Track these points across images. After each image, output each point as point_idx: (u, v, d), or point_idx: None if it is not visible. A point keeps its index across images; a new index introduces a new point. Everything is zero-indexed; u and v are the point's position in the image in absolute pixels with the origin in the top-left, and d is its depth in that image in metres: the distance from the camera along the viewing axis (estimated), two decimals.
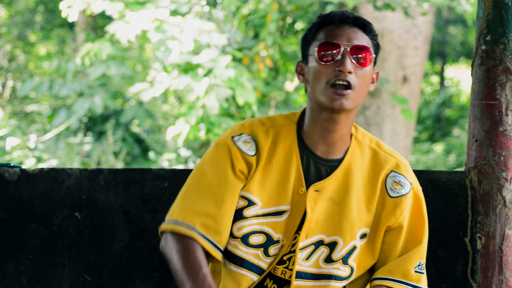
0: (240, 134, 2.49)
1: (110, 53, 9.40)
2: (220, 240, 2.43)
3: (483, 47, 2.95)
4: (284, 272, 2.50)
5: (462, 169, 3.05)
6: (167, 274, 3.07)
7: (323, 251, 2.47)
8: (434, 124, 17.83)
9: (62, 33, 16.90)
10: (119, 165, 11.14)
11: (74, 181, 3.11)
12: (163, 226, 2.47)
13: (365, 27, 2.47)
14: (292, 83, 9.80)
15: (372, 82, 2.52)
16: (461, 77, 19.72)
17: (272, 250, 2.47)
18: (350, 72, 2.39)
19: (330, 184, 2.47)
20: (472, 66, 3.00)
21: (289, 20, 9.51)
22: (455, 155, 15.64)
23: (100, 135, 11.98)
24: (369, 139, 2.55)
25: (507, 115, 2.91)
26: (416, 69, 9.39)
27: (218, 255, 2.42)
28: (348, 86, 2.40)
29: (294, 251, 2.48)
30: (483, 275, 2.92)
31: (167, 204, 3.05)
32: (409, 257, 2.51)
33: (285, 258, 2.49)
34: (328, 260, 2.47)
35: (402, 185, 2.51)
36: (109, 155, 11.00)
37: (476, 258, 2.94)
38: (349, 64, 2.40)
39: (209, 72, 8.41)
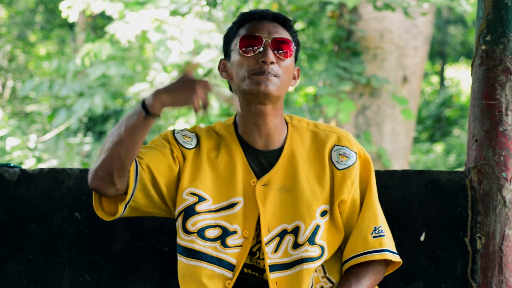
0: (182, 130, 2.61)
1: (110, 53, 9.40)
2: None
3: (483, 47, 2.95)
4: (258, 262, 2.55)
5: (462, 169, 3.05)
6: (167, 274, 3.07)
7: (289, 239, 2.51)
8: (434, 124, 17.83)
9: (62, 33, 16.90)
10: None
11: (74, 181, 3.11)
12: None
13: (285, 23, 2.57)
14: (292, 87, 9.80)
15: (294, 79, 2.60)
16: (461, 77, 19.72)
17: (230, 241, 2.52)
18: (272, 63, 2.48)
19: (276, 174, 2.53)
20: (472, 66, 3.00)
21: None
22: (455, 155, 15.65)
23: (100, 135, 11.98)
24: (306, 123, 2.63)
25: (507, 115, 2.91)
26: (416, 69, 9.39)
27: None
28: (271, 73, 2.48)
29: (258, 243, 2.54)
30: (483, 275, 2.92)
31: None
32: (362, 227, 2.55)
33: (254, 249, 2.54)
34: (296, 245, 2.51)
35: (347, 156, 2.56)
36: None
37: (476, 258, 2.94)
38: (271, 55, 2.49)
39: (209, 72, 8.41)
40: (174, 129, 2.60)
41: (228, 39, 2.60)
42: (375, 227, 2.56)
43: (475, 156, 2.94)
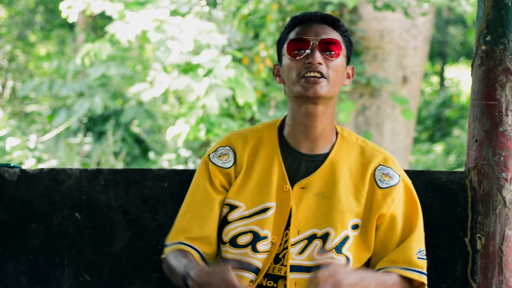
0: (216, 150, 2.61)
1: (110, 53, 9.40)
2: (206, 249, 2.55)
3: (483, 47, 2.95)
4: (280, 269, 2.53)
5: (462, 169, 3.05)
6: None
7: (316, 244, 2.51)
8: (434, 124, 17.83)
9: (62, 34, 16.90)
10: (119, 165, 11.14)
11: (74, 182, 3.11)
12: (164, 254, 2.60)
13: (334, 23, 2.56)
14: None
15: (348, 78, 2.60)
16: (461, 77, 19.72)
17: (260, 246, 2.51)
18: (320, 64, 2.48)
19: (316, 179, 2.53)
20: (472, 66, 3.00)
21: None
22: (455, 155, 15.65)
23: (100, 136, 11.98)
24: (355, 137, 2.62)
25: (507, 115, 2.91)
26: (416, 69, 9.40)
27: (201, 263, 2.52)
28: (320, 76, 2.48)
29: (287, 248, 2.52)
30: (483, 276, 2.92)
31: (167, 204, 3.06)
32: (408, 246, 2.54)
33: (280, 256, 2.52)
34: (322, 251, 2.50)
35: (391, 177, 2.56)
36: (109, 156, 11.00)
37: (476, 258, 2.94)
38: (319, 56, 2.49)
39: (209, 72, 8.42)
40: (209, 154, 2.60)
41: (279, 44, 2.60)
42: (420, 249, 2.55)
43: (475, 156, 2.94)
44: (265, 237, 2.50)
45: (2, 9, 15.90)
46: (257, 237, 2.50)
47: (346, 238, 2.50)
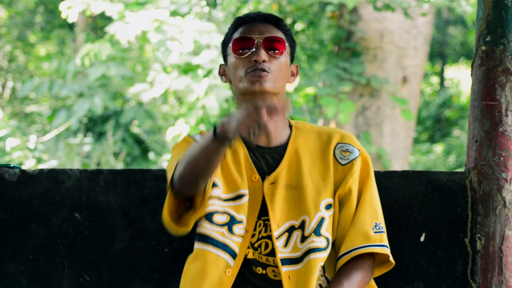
0: (196, 134, 2.69)
1: (110, 54, 9.40)
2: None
3: (483, 47, 2.95)
4: (260, 257, 2.58)
5: (462, 169, 3.05)
6: (167, 274, 3.08)
7: (297, 234, 2.56)
8: (434, 125, 17.83)
9: (62, 34, 16.90)
10: (119, 165, 11.15)
11: (74, 182, 3.11)
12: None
13: (277, 22, 2.64)
14: (291, 84, 9.81)
15: (293, 75, 2.68)
16: (461, 77, 19.72)
17: (237, 229, 2.57)
18: (264, 61, 2.55)
19: (282, 172, 2.59)
20: (472, 66, 3.00)
21: (289, 20, 9.52)
22: (455, 155, 15.65)
23: (100, 136, 11.98)
24: (310, 126, 2.70)
25: (507, 115, 2.91)
26: (416, 70, 9.40)
27: None
28: (264, 70, 2.54)
29: (262, 238, 2.57)
30: (483, 276, 2.92)
31: None
32: (363, 222, 2.57)
33: (256, 245, 2.58)
34: (303, 239, 2.55)
35: (350, 152, 2.62)
36: (109, 156, 11.01)
37: (476, 258, 2.94)
38: (263, 54, 2.56)
39: (209, 72, 8.42)
40: (189, 135, 2.68)
41: (224, 44, 2.68)
42: (376, 223, 2.58)
43: (475, 157, 2.94)
44: (240, 222, 2.56)
45: (2, 10, 15.91)
46: (233, 220, 2.56)
47: (322, 220, 2.56)
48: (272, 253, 2.57)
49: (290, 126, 2.67)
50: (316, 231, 2.55)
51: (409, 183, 3.02)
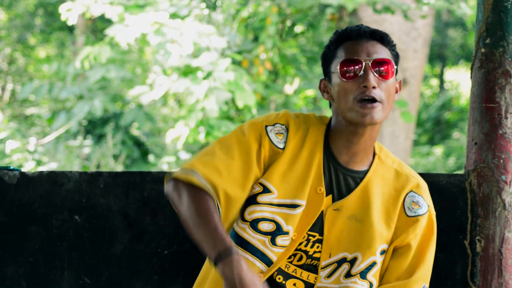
0: (274, 124, 2.52)
1: (110, 56, 9.40)
2: (232, 192, 2.45)
3: (483, 50, 2.95)
4: (288, 266, 2.52)
5: (461, 172, 3.05)
6: (166, 277, 3.07)
7: (344, 267, 2.49)
8: (433, 127, 17.84)
9: (62, 36, 16.91)
10: (119, 168, 11.14)
11: (73, 184, 3.11)
12: (178, 174, 2.44)
13: (383, 39, 2.50)
14: (291, 86, 9.81)
15: (396, 92, 2.55)
16: (460, 80, 19.73)
17: (280, 240, 2.48)
18: (374, 87, 2.43)
19: (350, 202, 2.49)
20: (471, 69, 3.00)
21: (288, 23, 9.52)
22: (455, 158, 15.65)
23: (99, 138, 11.98)
24: (391, 160, 2.57)
25: (506, 118, 2.91)
26: (415, 72, 9.40)
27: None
28: (375, 100, 2.43)
29: (299, 250, 2.49)
30: (482, 278, 2.92)
31: (166, 207, 3.06)
32: (415, 279, 2.50)
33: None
34: (348, 275, 2.48)
35: (420, 206, 2.52)
36: (108, 158, 11.00)
37: (476, 261, 2.94)
38: (373, 78, 2.43)
39: (208, 75, 8.42)
40: (266, 125, 2.51)
41: (326, 59, 2.54)
42: (424, 286, 2.51)
43: (475, 159, 2.94)
44: (286, 233, 2.47)
45: (2, 12, 15.91)
46: (279, 230, 2.47)
47: (373, 264, 2.48)
48: (306, 267, 2.51)
49: (374, 154, 2.55)
50: (363, 274, 2.48)
51: None
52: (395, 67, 2.51)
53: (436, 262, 2.97)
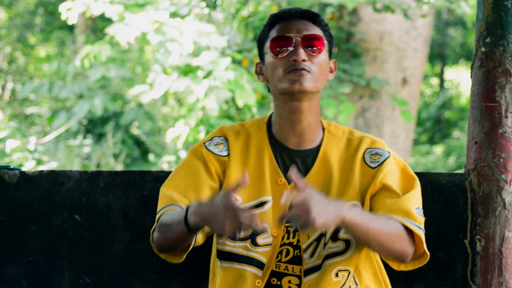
0: (211, 139, 2.60)
1: (110, 55, 9.40)
2: None
3: (483, 49, 2.95)
4: (278, 265, 2.53)
5: (461, 171, 3.05)
6: (167, 276, 3.07)
7: (322, 241, 2.51)
8: (433, 126, 17.83)
9: (62, 35, 16.91)
10: (119, 167, 11.14)
11: (73, 183, 3.11)
12: (152, 241, 2.56)
13: (315, 18, 2.56)
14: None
15: (331, 72, 2.60)
16: (460, 79, 19.73)
17: (260, 239, 2.51)
18: (304, 60, 2.48)
19: (312, 179, 2.52)
20: (471, 68, 3.00)
21: None
22: (455, 157, 15.65)
23: (99, 137, 11.98)
24: (342, 130, 2.61)
25: (506, 117, 2.91)
26: (415, 71, 9.40)
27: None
28: (304, 69, 2.48)
29: (284, 244, 2.51)
30: (482, 277, 2.92)
31: None
32: (407, 200, 2.50)
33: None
34: (324, 246, 2.51)
35: (380, 154, 2.56)
36: (108, 157, 11.00)
37: (476, 260, 2.94)
38: (302, 53, 2.49)
39: (208, 74, 8.41)
40: (204, 142, 2.59)
41: (260, 42, 2.60)
42: (418, 207, 2.52)
43: (475, 158, 2.94)
44: (264, 231, 2.48)
45: (2, 11, 15.91)
46: (256, 230, 2.47)
47: None
48: (294, 260, 2.52)
49: (323, 129, 2.60)
50: (333, 236, 2.49)
51: None
52: (327, 44, 2.55)
53: (436, 261, 2.97)
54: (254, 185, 2.52)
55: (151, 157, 11.88)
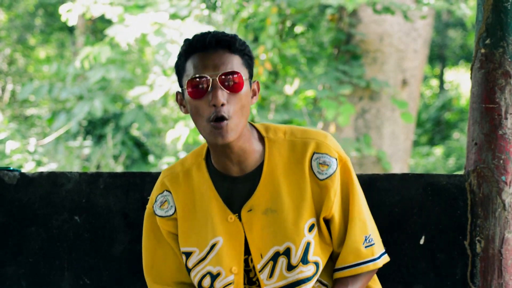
0: (156, 200, 2.57)
1: (110, 57, 9.41)
2: None
3: (483, 50, 2.95)
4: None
5: (461, 172, 3.05)
6: None
7: (282, 261, 2.46)
8: (433, 127, 17.84)
9: (62, 37, 16.91)
10: (119, 168, 11.14)
11: (73, 185, 3.11)
12: None
13: (231, 46, 2.42)
14: (291, 87, 9.81)
15: (254, 95, 2.48)
16: (460, 80, 19.73)
17: (217, 284, 2.49)
18: (223, 105, 2.36)
19: (259, 197, 2.46)
20: (471, 69, 3.00)
21: (288, 23, 9.52)
22: (455, 158, 15.65)
23: (99, 139, 11.98)
24: (283, 133, 2.51)
25: (506, 118, 2.91)
26: (415, 72, 9.40)
27: None
28: (224, 118, 2.37)
29: (254, 277, 2.51)
30: (482, 279, 2.92)
31: None
32: (353, 239, 2.48)
33: (254, 279, 2.51)
34: (290, 267, 2.46)
35: (328, 165, 2.46)
36: (108, 159, 11.01)
37: (476, 261, 2.94)
38: (221, 95, 2.36)
39: None
40: (152, 206, 2.57)
41: (178, 71, 2.47)
42: (366, 237, 2.49)
43: (475, 160, 2.94)
44: (218, 274, 2.47)
45: (2, 12, 15.91)
46: (212, 277, 2.48)
47: (308, 245, 2.45)
48: (249, 282, 2.51)
49: (262, 138, 2.50)
50: (304, 260, 2.45)
51: (408, 186, 3.01)
52: (246, 72, 2.43)
53: (436, 262, 2.97)
54: (204, 230, 2.48)
55: (151, 158, 11.88)
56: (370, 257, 2.51)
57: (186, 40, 2.44)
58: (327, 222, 2.51)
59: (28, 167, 9.87)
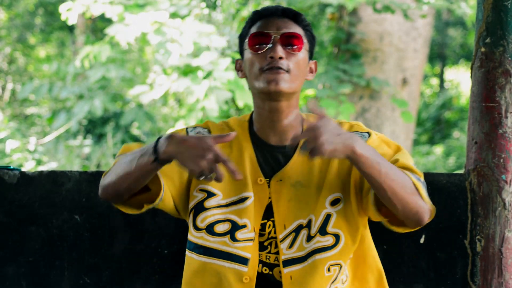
0: (195, 127, 2.60)
1: (110, 56, 9.40)
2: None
3: (483, 49, 2.95)
4: (268, 257, 2.54)
5: (461, 171, 3.05)
6: (167, 276, 3.07)
7: (303, 233, 2.50)
8: (433, 126, 17.83)
9: (62, 36, 16.91)
10: None
11: (73, 184, 3.11)
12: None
13: (296, 17, 2.54)
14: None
15: (311, 72, 2.58)
16: (460, 79, 19.73)
17: (240, 234, 2.50)
18: (281, 58, 2.46)
19: (291, 170, 2.51)
20: (471, 68, 3.00)
21: None
22: (455, 157, 15.64)
23: (100, 138, 11.98)
24: None
25: (506, 117, 2.91)
26: (415, 72, 9.40)
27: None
28: (280, 68, 2.45)
29: (271, 238, 2.52)
30: (482, 278, 2.92)
31: None
32: (402, 156, 2.47)
33: (265, 244, 2.53)
34: (309, 238, 2.49)
35: (359, 136, 2.49)
36: (109, 158, 11.00)
37: (476, 260, 2.94)
38: (280, 50, 2.46)
39: (208, 74, 8.42)
40: (187, 128, 2.59)
41: (241, 38, 2.58)
42: (414, 164, 2.48)
43: (475, 159, 2.94)
44: (244, 226, 2.50)
45: (2, 12, 15.91)
46: (235, 226, 2.50)
47: (328, 217, 2.49)
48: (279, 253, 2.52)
49: (302, 121, 2.57)
50: (322, 230, 2.48)
51: None
52: (307, 43, 2.53)
53: (436, 261, 2.97)
54: (235, 181, 2.51)
55: None
56: (419, 176, 2.45)
57: (253, 11, 2.56)
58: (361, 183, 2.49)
59: (28, 166, 9.87)
